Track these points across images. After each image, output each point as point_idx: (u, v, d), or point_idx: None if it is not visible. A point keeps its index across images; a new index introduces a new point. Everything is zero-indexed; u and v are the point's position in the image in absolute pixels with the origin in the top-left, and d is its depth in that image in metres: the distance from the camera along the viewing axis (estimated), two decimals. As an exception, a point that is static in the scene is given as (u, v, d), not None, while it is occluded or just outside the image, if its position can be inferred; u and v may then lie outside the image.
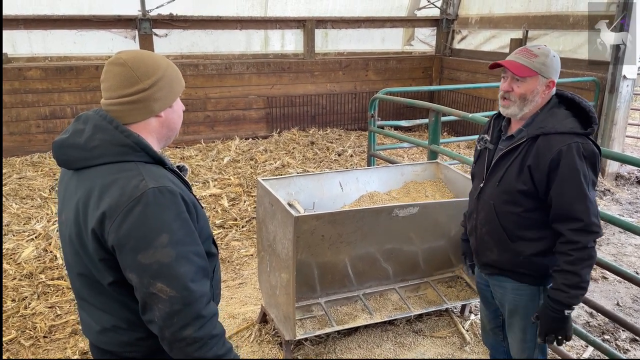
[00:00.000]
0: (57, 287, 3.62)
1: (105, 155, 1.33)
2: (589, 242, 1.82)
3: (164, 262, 1.27)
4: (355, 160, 6.60)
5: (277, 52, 7.88)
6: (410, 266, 3.17)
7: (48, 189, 5.42)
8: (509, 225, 1.99)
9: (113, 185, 1.29)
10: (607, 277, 3.84)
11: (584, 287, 1.86)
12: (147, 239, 1.26)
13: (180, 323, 1.29)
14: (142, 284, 1.28)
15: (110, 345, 1.45)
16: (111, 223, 1.26)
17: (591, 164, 1.84)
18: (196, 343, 1.30)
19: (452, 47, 8.52)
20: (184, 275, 1.29)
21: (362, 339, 3.07)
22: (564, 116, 1.90)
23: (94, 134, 1.34)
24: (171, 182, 1.35)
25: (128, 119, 1.38)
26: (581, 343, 3.05)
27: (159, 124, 1.43)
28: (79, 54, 6.90)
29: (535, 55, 1.90)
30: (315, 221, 2.57)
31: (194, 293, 1.30)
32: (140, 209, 1.26)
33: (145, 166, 1.34)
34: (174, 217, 1.29)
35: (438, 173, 3.46)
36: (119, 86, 1.36)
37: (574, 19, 6.21)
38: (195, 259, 1.33)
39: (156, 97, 1.39)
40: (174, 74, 1.45)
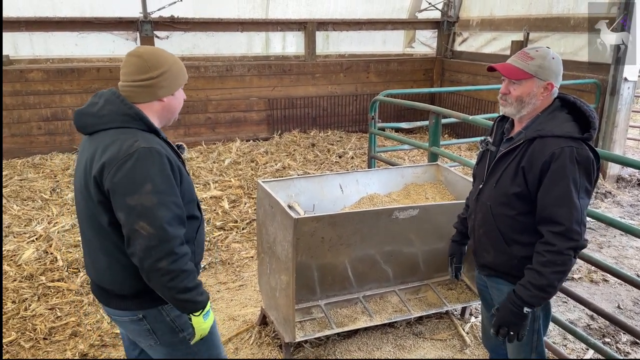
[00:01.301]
0: (57, 288, 3.62)
1: (111, 122, 1.67)
2: (565, 249, 1.80)
3: (146, 205, 1.58)
4: (356, 162, 6.60)
5: (278, 54, 7.89)
6: (410, 268, 3.17)
7: (49, 191, 5.43)
8: (504, 227, 1.99)
9: (113, 143, 1.62)
10: (608, 280, 3.83)
11: (548, 292, 1.85)
12: (135, 185, 1.58)
13: (156, 256, 1.58)
14: (128, 221, 1.59)
15: (106, 282, 1.78)
16: (108, 172, 1.59)
17: (585, 170, 1.81)
18: (169, 274, 1.60)
19: (453, 49, 8.52)
20: (162, 218, 1.59)
21: (362, 341, 3.06)
22: (563, 120, 1.89)
23: (105, 105, 1.69)
24: (159, 146, 1.66)
25: (136, 99, 1.73)
26: (582, 346, 3.05)
27: (160, 107, 1.78)
28: (80, 56, 6.92)
29: (532, 58, 1.90)
30: (315, 223, 2.56)
31: (169, 233, 1.60)
32: (131, 162, 1.58)
33: (141, 132, 1.68)
34: (158, 172, 1.61)
35: (438, 175, 3.46)
36: (133, 72, 1.71)
37: (575, 21, 6.21)
38: (173, 207, 1.63)
39: (161, 85, 1.73)
40: (179, 68, 1.79)
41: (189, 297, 1.67)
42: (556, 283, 1.84)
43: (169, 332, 1.83)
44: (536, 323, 2.05)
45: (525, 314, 1.88)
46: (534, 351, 2.11)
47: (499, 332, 1.95)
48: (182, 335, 1.84)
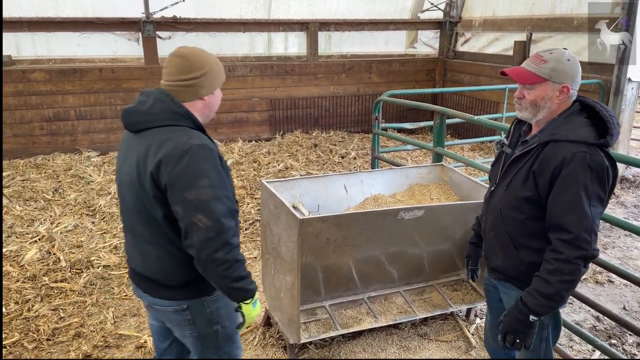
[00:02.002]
0: (60, 289, 3.61)
1: (162, 119, 1.74)
2: (574, 257, 1.75)
3: (203, 199, 1.66)
4: (358, 162, 6.58)
5: (280, 54, 7.88)
6: (415, 269, 3.15)
7: (51, 191, 5.42)
8: (513, 232, 1.96)
9: (168, 140, 1.69)
10: (613, 281, 3.82)
11: (555, 300, 1.80)
12: (192, 180, 1.66)
13: (213, 247, 1.67)
14: (186, 214, 1.67)
15: (154, 273, 1.85)
16: (165, 168, 1.67)
17: (598, 177, 1.75)
18: (225, 264, 1.69)
19: (455, 49, 8.51)
20: (218, 211, 1.68)
21: (366, 342, 3.05)
22: (580, 124, 1.83)
23: (155, 103, 1.75)
24: (210, 142, 1.76)
25: (180, 98, 1.78)
26: (588, 347, 3.03)
27: (202, 105, 1.84)
28: (82, 56, 6.92)
29: (545, 61, 1.85)
30: (320, 224, 2.55)
31: (224, 225, 1.68)
32: (187, 158, 1.66)
33: (191, 130, 1.76)
34: (212, 167, 1.70)
35: (443, 176, 3.44)
36: (178, 72, 1.77)
37: (578, 21, 6.19)
38: (226, 201, 1.72)
39: (203, 84, 1.80)
40: (219, 69, 1.86)
41: (241, 286, 1.76)
42: (564, 292, 1.79)
43: (206, 323, 1.92)
44: (544, 331, 2.01)
45: (532, 322, 1.84)
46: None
47: (506, 340, 1.92)
48: (215, 327, 1.94)
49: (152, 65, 7.03)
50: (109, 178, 5.88)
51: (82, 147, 6.93)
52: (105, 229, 4.58)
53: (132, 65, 7.05)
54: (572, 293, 1.86)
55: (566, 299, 1.85)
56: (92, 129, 6.96)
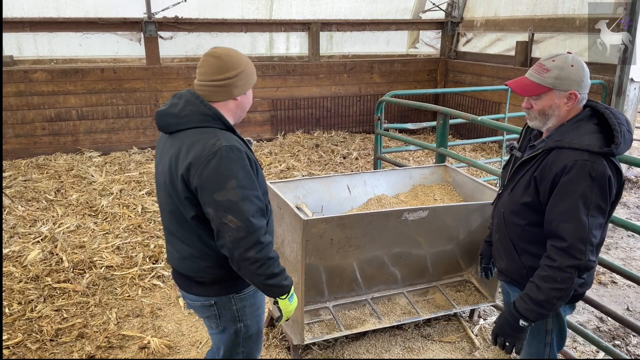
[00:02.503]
0: (63, 290, 3.61)
1: (192, 121, 1.77)
2: (566, 266, 1.72)
3: (232, 200, 1.69)
4: (360, 162, 6.58)
5: (282, 54, 7.87)
6: (418, 270, 3.15)
7: (53, 192, 5.42)
8: (515, 236, 1.96)
9: (197, 143, 1.72)
10: (616, 282, 3.81)
11: (545, 307, 1.78)
12: (221, 182, 1.69)
13: (245, 246, 1.71)
14: (217, 216, 1.70)
15: (187, 270, 1.91)
16: (195, 170, 1.70)
17: (599, 186, 1.71)
18: (257, 262, 1.73)
19: (457, 49, 8.50)
20: (247, 211, 1.71)
21: (370, 343, 3.04)
22: (587, 131, 1.79)
23: (185, 106, 1.79)
24: (238, 143, 1.77)
25: (213, 98, 1.82)
26: (591, 348, 3.02)
27: (235, 105, 1.88)
28: (84, 57, 6.92)
29: (547, 70, 1.81)
30: (324, 225, 2.55)
31: (254, 225, 1.71)
32: (216, 160, 1.69)
33: (220, 131, 1.77)
34: (240, 168, 1.72)
35: (446, 176, 3.44)
36: (212, 72, 1.79)
37: (581, 21, 6.18)
38: (255, 201, 1.75)
39: (237, 85, 1.83)
40: (252, 69, 1.88)
41: (275, 282, 1.80)
42: (555, 300, 1.77)
43: (231, 319, 1.97)
44: (548, 336, 2.00)
45: (522, 326, 1.83)
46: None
47: (497, 342, 1.93)
48: (239, 325, 1.99)
49: (154, 65, 7.03)
50: (110, 178, 5.88)
51: (84, 147, 6.93)
52: (108, 229, 4.58)
53: (133, 66, 7.04)
54: (564, 303, 1.82)
55: (557, 308, 1.82)
56: (94, 129, 6.96)
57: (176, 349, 3.06)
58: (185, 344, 3.11)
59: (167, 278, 3.83)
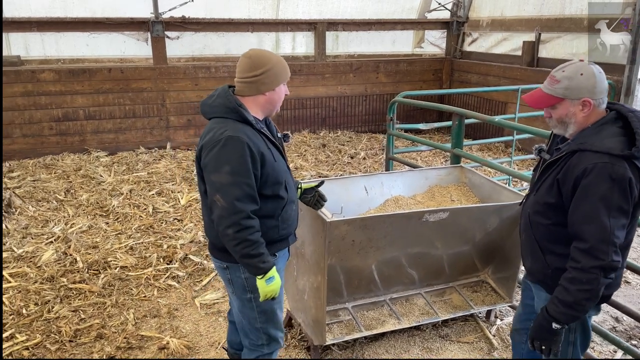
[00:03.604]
0: (79, 290, 3.61)
1: (218, 112, 2.05)
2: (590, 267, 1.76)
3: (223, 182, 1.95)
4: (368, 162, 6.59)
5: (288, 54, 7.88)
6: (435, 271, 3.16)
7: (63, 192, 5.42)
8: (539, 236, 1.99)
9: (212, 130, 2.02)
10: (629, 282, 3.83)
11: (575, 309, 1.81)
12: (217, 166, 1.96)
13: (225, 224, 1.97)
14: (210, 193, 2.01)
15: (208, 234, 2.22)
16: (204, 152, 2.01)
17: (620, 188, 1.74)
18: (234, 240, 1.98)
19: (462, 49, 8.51)
20: (234, 194, 1.95)
21: (389, 344, 3.06)
22: (610, 134, 1.83)
23: (217, 98, 2.07)
24: (245, 135, 1.97)
25: (244, 92, 2.08)
26: (609, 348, 3.04)
27: (264, 100, 2.10)
28: (91, 57, 6.92)
29: (558, 81, 1.88)
30: (346, 226, 2.56)
31: (237, 208, 1.95)
32: (218, 147, 1.95)
33: (234, 122, 2.01)
34: (237, 157, 1.94)
35: (462, 177, 3.45)
36: (243, 70, 2.05)
37: (588, 21, 6.20)
38: (244, 187, 1.96)
39: (263, 81, 2.05)
40: (281, 68, 2.08)
41: (250, 262, 2.01)
42: (584, 302, 1.80)
43: (241, 287, 2.18)
44: (571, 335, 2.02)
45: (555, 329, 1.86)
46: None
47: (534, 346, 1.95)
48: (249, 295, 2.18)
49: (161, 65, 7.03)
50: (119, 178, 5.88)
51: (91, 147, 6.93)
52: (120, 229, 4.59)
53: (140, 66, 7.04)
54: (594, 303, 1.85)
55: (588, 309, 1.84)
56: (101, 129, 6.96)
57: (195, 350, 3.07)
58: (204, 345, 3.12)
59: (182, 278, 3.84)
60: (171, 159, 6.76)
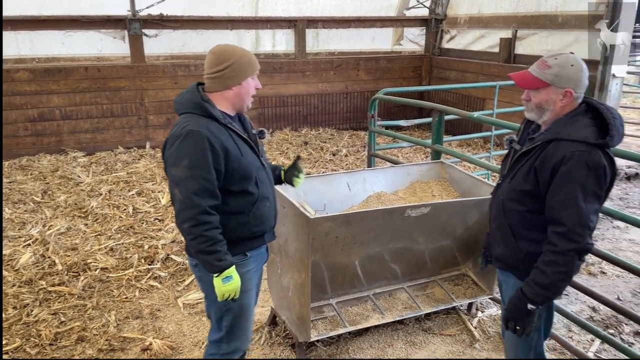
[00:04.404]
0: (58, 293, 3.55)
1: (185, 108, 2.06)
2: (567, 250, 1.83)
3: (181, 176, 1.95)
4: (350, 159, 6.61)
5: (268, 52, 7.85)
6: (418, 265, 3.19)
7: (40, 193, 5.32)
8: (513, 222, 2.05)
9: (176, 125, 2.04)
10: (605, 272, 3.93)
11: (551, 291, 1.90)
12: (176, 160, 1.96)
13: (182, 218, 1.97)
14: (170, 186, 2.03)
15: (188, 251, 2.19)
16: (166, 147, 2.03)
17: (596, 175, 1.82)
18: (190, 235, 1.97)
19: (441, 46, 8.60)
20: (190, 188, 1.94)
21: (373, 338, 3.08)
22: (583, 125, 1.90)
23: (185, 94, 2.09)
24: (207, 129, 1.96)
25: (212, 88, 2.08)
26: (587, 337, 3.11)
27: (232, 94, 2.09)
28: (67, 55, 6.78)
29: (549, 67, 1.92)
30: (330, 223, 2.57)
31: (194, 202, 1.93)
32: (179, 141, 1.96)
33: (198, 117, 2.01)
34: (196, 151, 1.94)
35: (443, 172, 3.49)
36: (208, 67, 2.06)
37: (563, 18, 6.32)
38: (203, 182, 1.94)
39: (229, 75, 2.04)
40: (246, 61, 2.07)
41: (205, 259, 2.00)
42: (559, 283, 1.89)
43: (210, 285, 2.10)
44: (538, 321, 2.08)
45: (530, 310, 1.94)
46: (533, 350, 2.16)
47: (508, 326, 2.03)
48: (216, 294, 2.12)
49: (139, 63, 6.94)
50: (98, 179, 5.80)
51: (68, 147, 6.81)
52: (100, 230, 4.52)
53: (118, 64, 6.94)
54: (568, 284, 1.96)
55: (562, 290, 1.95)
56: (78, 129, 6.84)
57: (179, 350, 3.05)
58: (188, 345, 3.10)
59: (164, 279, 3.81)
60: (151, 158, 6.68)
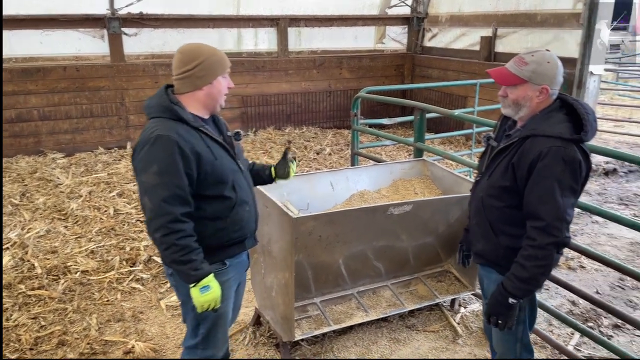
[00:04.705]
0: (38, 297, 3.49)
1: (154, 112, 1.97)
2: (546, 244, 1.87)
3: (151, 183, 1.86)
4: (334, 158, 6.62)
5: (250, 50, 7.81)
6: (401, 263, 3.21)
7: (18, 196, 5.21)
8: (493, 218, 2.08)
9: (144, 130, 1.94)
10: (584, 267, 4.00)
11: (531, 284, 1.94)
12: (144, 166, 1.88)
13: (152, 227, 1.88)
14: (139, 195, 1.92)
15: None
16: (135, 153, 1.93)
17: (571, 169, 1.86)
18: (162, 244, 1.88)
19: (423, 45, 8.65)
20: (160, 195, 1.85)
21: (357, 336, 3.09)
22: (558, 120, 1.94)
23: (154, 97, 1.99)
24: (176, 134, 1.88)
25: (182, 89, 1.99)
26: (567, 331, 3.17)
27: (203, 95, 2.00)
28: (45, 55, 6.65)
29: (526, 63, 1.95)
30: (313, 222, 2.57)
31: (165, 210, 1.85)
32: (147, 147, 1.87)
33: (167, 121, 1.92)
34: (165, 156, 1.85)
35: (425, 170, 3.51)
36: (176, 67, 1.97)
37: (542, 17, 6.41)
38: (174, 188, 1.86)
39: (198, 75, 1.95)
40: (215, 60, 1.99)
41: (180, 269, 1.92)
42: (539, 277, 1.93)
43: (187, 295, 2.01)
44: (522, 313, 2.13)
45: (511, 304, 1.97)
46: (519, 342, 2.19)
47: (490, 320, 2.06)
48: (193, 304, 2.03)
49: (119, 63, 6.85)
50: (78, 180, 5.71)
51: (47, 148, 6.69)
52: (80, 233, 4.45)
53: (97, 64, 6.84)
54: (547, 278, 2.00)
55: (542, 283, 2.00)
56: (57, 129, 6.73)
57: (162, 352, 3.03)
58: (171, 347, 3.07)
59: (147, 281, 3.77)
60: (132, 159, 6.60)
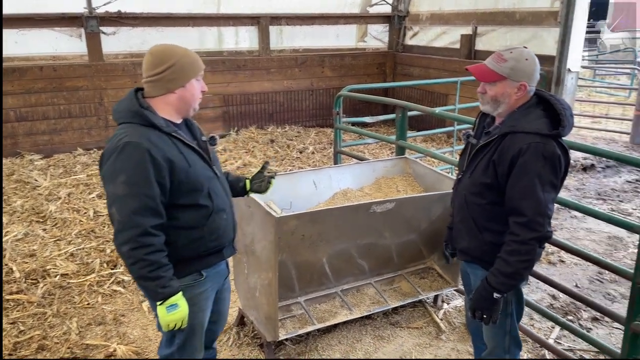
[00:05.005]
0: (16, 301, 3.42)
1: (123, 117, 1.87)
2: (528, 239, 1.90)
3: (119, 194, 1.76)
4: (317, 157, 6.61)
5: (231, 49, 7.76)
6: (384, 260, 3.23)
7: (-5, 198, 5.10)
8: (476, 215, 2.11)
9: (112, 137, 1.84)
10: (564, 261, 4.07)
11: (515, 279, 1.97)
12: (112, 175, 1.78)
13: (120, 240, 1.77)
14: (107, 206, 1.82)
15: None
16: (102, 162, 1.84)
17: (551, 165, 1.89)
18: (129, 259, 1.78)
19: (404, 43, 8.70)
20: (130, 206, 1.75)
21: (342, 334, 3.10)
22: (536, 117, 1.97)
23: (123, 102, 1.89)
24: (147, 140, 1.78)
25: (152, 93, 1.89)
26: (547, 325, 3.22)
27: (175, 99, 1.91)
28: (21, 55, 6.50)
29: (505, 60, 1.98)
30: (296, 221, 2.56)
31: (134, 222, 1.75)
32: (115, 155, 1.78)
33: (138, 127, 1.82)
34: (134, 165, 1.76)
35: (407, 168, 3.53)
36: (146, 69, 1.87)
37: (520, 15, 6.50)
38: (144, 199, 1.76)
39: (170, 78, 1.86)
40: (188, 62, 1.89)
41: (146, 285, 1.82)
42: (522, 271, 1.96)
43: None
44: (509, 307, 2.16)
45: (496, 299, 2.00)
46: (508, 334, 2.22)
47: (475, 315, 2.08)
48: None
49: (97, 62, 6.74)
50: (56, 182, 5.60)
51: (24, 150, 6.55)
52: (59, 235, 4.37)
53: (75, 63, 6.72)
54: (530, 272, 2.04)
55: (525, 277, 2.03)
56: (34, 130, 6.59)
57: (144, 355, 2.99)
58: (154, 349, 3.04)
59: (128, 283, 3.72)
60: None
